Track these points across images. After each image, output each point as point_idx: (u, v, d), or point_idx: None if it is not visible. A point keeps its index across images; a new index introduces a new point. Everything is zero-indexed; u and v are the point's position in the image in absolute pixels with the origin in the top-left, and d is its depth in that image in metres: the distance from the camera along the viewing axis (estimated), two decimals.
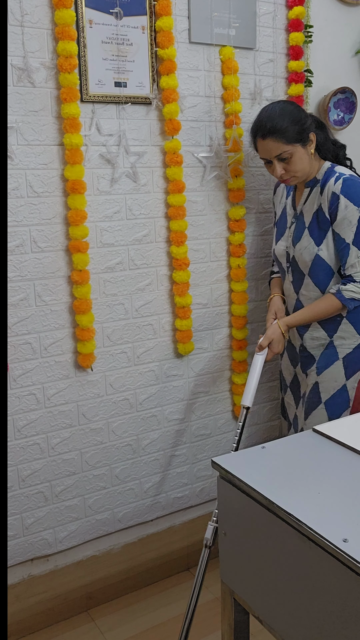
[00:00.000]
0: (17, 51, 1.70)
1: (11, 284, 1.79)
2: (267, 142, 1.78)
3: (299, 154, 1.79)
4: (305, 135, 1.79)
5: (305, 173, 1.84)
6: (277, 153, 1.78)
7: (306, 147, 1.81)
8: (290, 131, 1.76)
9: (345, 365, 1.89)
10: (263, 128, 1.78)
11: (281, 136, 1.76)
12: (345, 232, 1.78)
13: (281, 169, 1.81)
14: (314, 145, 1.84)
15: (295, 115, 1.79)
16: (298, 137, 1.78)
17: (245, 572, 1.20)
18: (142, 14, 1.86)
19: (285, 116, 1.77)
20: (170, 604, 2.11)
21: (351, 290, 1.78)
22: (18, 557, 1.95)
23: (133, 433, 2.10)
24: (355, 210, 1.77)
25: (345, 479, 1.14)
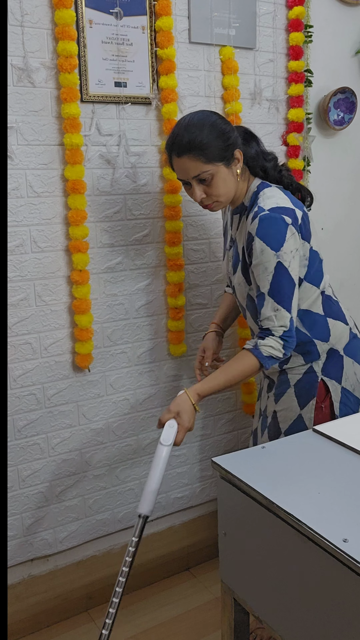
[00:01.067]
0: (17, 51, 1.70)
1: (11, 284, 1.79)
2: (184, 160, 1.51)
3: (221, 174, 1.52)
4: (229, 153, 1.52)
5: (229, 197, 1.58)
6: (195, 174, 1.51)
7: (231, 167, 1.54)
8: (211, 148, 1.49)
9: (297, 393, 1.70)
10: (179, 143, 1.50)
11: (200, 153, 1.48)
12: (261, 279, 1.52)
13: (201, 192, 1.54)
14: (241, 164, 1.56)
15: (218, 128, 1.51)
16: (221, 154, 1.50)
17: (245, 572, 1.20)
18: (142, 14, 1.86)
19: (205, 129, 1.49)
20: (170, 604, 2.11)
21: (269, 346, 1.51)
22: (18, 557, 1.95)
23: (133, 433, 2.10)
24: (272, 255, 1.48)
25: (345, 479, 1.14)
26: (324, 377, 1.70)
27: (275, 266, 1.49)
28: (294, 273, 1.52)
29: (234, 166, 1.56)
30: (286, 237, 1.50)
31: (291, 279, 1.51)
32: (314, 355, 1.69)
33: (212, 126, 1.51)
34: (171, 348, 2.10)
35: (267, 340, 1.52)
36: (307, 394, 1.70)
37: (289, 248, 1.50)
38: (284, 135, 2.25)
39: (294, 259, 1.52)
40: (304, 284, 1.63)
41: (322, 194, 2.42)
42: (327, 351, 1.69)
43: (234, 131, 1.56)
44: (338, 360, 1.71)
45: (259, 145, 1.66)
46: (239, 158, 1.56)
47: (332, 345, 1.70)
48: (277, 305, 1.51)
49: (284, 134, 2.26)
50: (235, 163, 1.56)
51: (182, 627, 2.01)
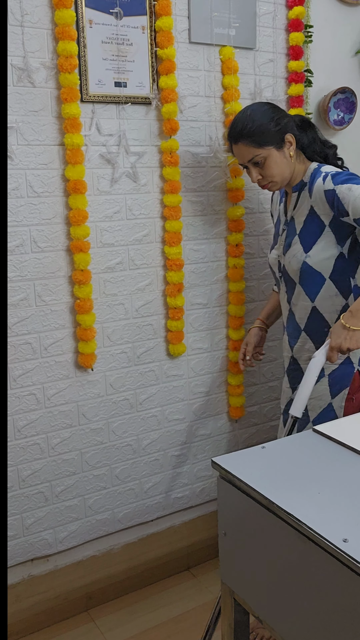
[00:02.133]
0: (17, 51, 1.70)
1: (11, 284, 1.79)
2: (239, 146, 1.70)
3: (273, 157, 1.69)
4: (279, 137, 1.69)
5: (284, 178, 1.73)
6: (249, 157, 1.69)
7: (282, 150, 1.70)
8: (261, 134, 1.66)
9: (330, 382, 1.75)
10: (234, 132, 1.70)
11: (251, 140, 1.67)
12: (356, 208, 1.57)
13: (257, 174, 1.71)
14: (293, 147, 1.72)
15: (267, 116, 1.68)
16: (271, 139, 1.67)
17: (245, 572, 1.20)
18: (142, 14, 1.86)
19: (256, 118, 1.67)
20: (170, 604, 2.11)
21: None
22: (18, 557, 1.95)
23: (133, 433, 2.10)
24: (357, 186, 1.58)
25: (345, 479, 1.14)
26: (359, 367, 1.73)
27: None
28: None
29: (286, 149, 1.70)
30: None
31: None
32: None
33: (262, 114, 1.68)
34: (171, 348, 2.10)
35: None
36: (341, 384, 1.74)
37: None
38: None
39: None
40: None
41: None
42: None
43: (285, 117, 1.71)
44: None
45: (316, 133, 1.80)
46: (291, 141, 1.71)
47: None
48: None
49: None
50: (288, 146, 1.71)
51: (182, 627, 2.01)
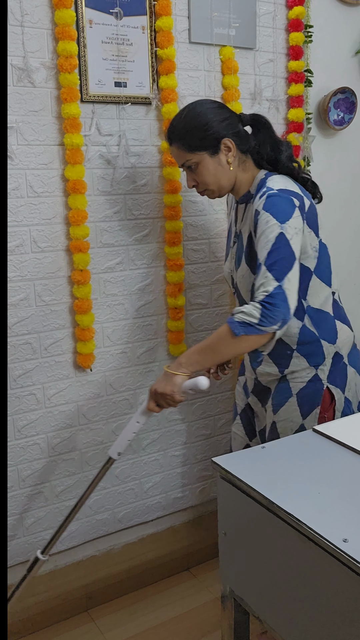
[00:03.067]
0: (17, 51, 1.70)
1: (11, 284, 1.79)
2: (172, 148, 1.59)
3: (205, 163, 1.55)
4: (212, 142, 1.53)
5: (221, 186, 1.59)
6: (181, 161, 1.58)
7: (217, 156, 1.55)
8: (191, 137, 1.53)
9: (299, 402, 1.64)
10: (168, 133, 1.59)
11: (182, 143, 1.55)
12: (261, 250, 1.45)
13: (191, 179, 1.60)
14: (233, 153, 1.56)
15: (202, 118, 1.53)
16: (203, 144, 1.53)
17: (245, 572, 1.20)
18: (142, 14, 1.86)
19: (189, 120, 1.54)
20: (170, 604, 2.11)
21: (242, 312, 1.39)
22: (18, 557, 1.94)
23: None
24: (276, 226, 1.44)
25: (345, 479, 1.14)
26: (330, 384, 1.64)
27: (277, 236, 1.43)
28: (295, 247, 1.45)
29: (222, 155, 1.56)
30: (293, 215, 1.47)
31: (292, 252, 1.44)
32: (319, 357, 1.63)
33: (197, 115, 1.53)
34: (171, 348, 2.10)
35: (246, 306, 1.40)
36: (311, 403, 1.63)
37: (294, 225, 1.46)
38: (284, 135, 2.25)
39: (296, 235, 1.47)
40: (314, 278, 1.60)
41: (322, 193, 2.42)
42: (332, 355, 1.65)
43: (226, 120, 1.55)
44: (343, 367, 1.67)
45: (270, 134, 1.63)
46: (230, 147, 1.55)
47: (338, 349, 1.65)
48: (267, 273, 1.41)
49: (284, 134, 2.26)
50: (225, 152, 1.56)
51: (182, 627, 2.01)
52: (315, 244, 1.59)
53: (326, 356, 1.64)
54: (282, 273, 1.41)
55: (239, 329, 1.39)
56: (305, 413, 1.64)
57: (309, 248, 1.57)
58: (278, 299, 1.39)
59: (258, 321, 1.38)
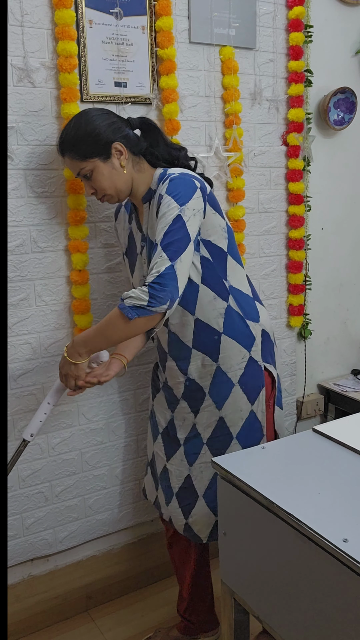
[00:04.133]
0: (17, 51, 1.70)
1: (11, 284, 1.80)
2: (66, 160, 1.61)
3: (99, 169, 1.57)
4: (102, 148, 1.56)
5: (118, 190, 1.60)
6: (76, 171, 1.60)
7: (110, 161, 1.57)
8: (81, 146, 1.55)
9: (244, 389, 1.65)
10: (59, 145, 1.61)
11: (74, 152, 1.56)
12: (159, 230, 1.47)
13: (89, 187, 1.61)
14: (125, 156, 1.58)
15: (89, 125, 1.55)
16: (94, 150, 1.55)
17: (245, 572, 1.20)
18: (142, 14, 1.86)
19: (78, 128, 1.55)
20: (171, 604, 2.11)
21: (130, 297, 1.41)
22: (18, 557, 1.95)
23: (133, 433, 2.10)
24: (175, 208, 1.47)
25: (345, 479, 1.14)
26: (266, 363, 1.69)
27: (175, 218, 1.45)
28: (191, 229, 1.48)
29: (114, 159, 1.58)
30: (193, 196, 1.50)
31: (187, 233, 1.47)
32: (249, 337, 1.66)
33: (84, 123, 1.56)
34: None
35: (132, 290, 1.42)
36: (255, 387, 1.66)
37: (193, 206, 1.49)
38: (284, 135, 2.26)
39: (194, 217, 1.49)
40: (229, 259, 1.64)
41: (322, 194, 2.42)
42: (260, 333, 1.69)
43: (113, 124, 1.58)
44: (272, 346, 1.75)
45: (159, 136, 1.66)
46: (121, 150, 1.58)
47: (263, 327, 1.70)
48: (162, 252, 1.43)
49: (284, 134, 2.26)
50: (117, 156, 1.58)
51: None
52: (223, 225, 1.62)
53: (255, 336, 1.67)
54: (176, 253, 1.43)
55: (131, 313, 1.40)
56: (252, 399, 1.66)
57: (218, 228, 1.60)
58: (167, 278, 1.41)
59: (147, 303, 1.40)
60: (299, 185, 2.29)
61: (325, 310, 2.56)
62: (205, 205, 1.55)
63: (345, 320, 2.65)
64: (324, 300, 2.55)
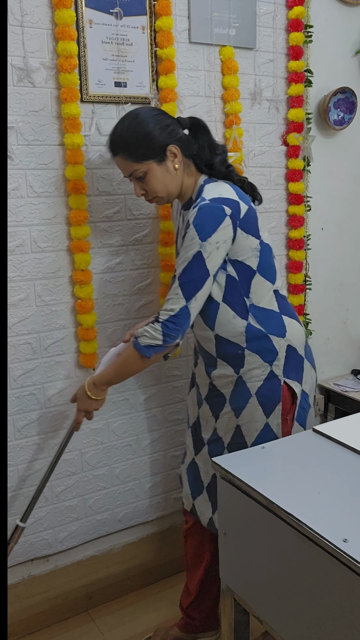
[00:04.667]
0: (17, 51, 1.70)
1: (11, 284, 1.80)
2: (117, 159, 1.58)
3: (154, 172, 1.55)
4: (160, 150, 1.54)
5: (169, 192, 1.60)
6: (128, 172, 1.57)
7: (164, 164, 1.55)
8: (138, 147, 1.52)
9: (260, 401, 1.62)
10: (111, 144, 1.58)
11: (129, 153, 1.53)
12: (179, 264, 1.51)
13: (139, 188, 1.60)
14: (179, 159, 1.57)
15: (146, 126, 1.53)
16: (150, 153, 1.53)
17: (245, 572, 1.20)
18: (142, 14, 1.86)
19: (133, 129, 1.53)
20: (171, 604, 2.11)
21: (145, 335, 1.51)
22: (18, 557, 1.95)
23: (133, 433, 2.10)
24: (197, 244, 1.48)
25: (345, 479, 1.14)
26: (287, 379, 1.63)
27: (195, 254, 1.48)
28: (211, 264, 1.50)
29: (169, 162, 1.56)
30: (219, 227, 1.49)
31: (206, 269, 1.50)
32: (272, 352, 1.61)
33: (140, 124, 1.53)
34: None
35: (147, 328, 1.52)
36: (272, 401, 1.63)
37: (216, 239, 1.49)
38: (284, 135, 2.26)
39: (217, 250, 1.50)
40: (257, 276, 1.60)
41: (321, 194, 2.42)
42: (285, 348, 1.63)
43: (169, 126, 1.56)
44: (298, 360, 1.67)
45: (208, 137, 1.63)
46: (175, 153, 1.56)
47: (289, 342, 1.64)
48: (179, 290, 1.49)
49: (284, 134, 2.26)
50: (172, 158, 1.56)
51: None
52: (255, 246, 1.58)
53: (278, 350, 1.62)
54: (191, 293, 1.50)
55: (148, 352, 1.52)
56: (267, 412, 1.63)
57: (248, 249, 1.57)
58: (181, 318, 1.50)
59: (162, 342, 1.51)
60: (299, 185, 2.29)
61: (325, 310, 2.56)
62: (235, 232, 1.53)
63: (345, 320, 2.65)
64: (324, 300, 2.55)
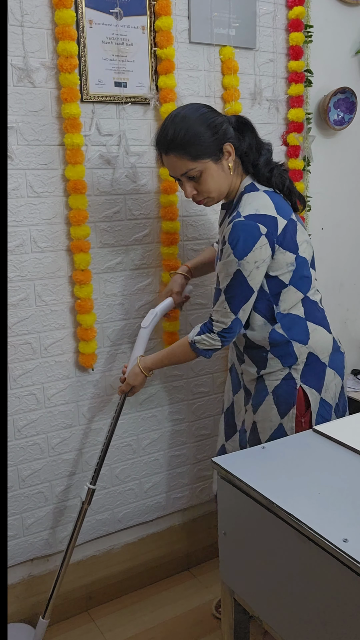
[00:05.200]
0: (17, 51, 1.70)
1: (11, 284, 1.80)
2: (170, 158, 1.49)
3: (210, 171, 1.49)
4: (217, 148, 1.48)
5: (221, 192, 1.55)
6: (182, 171, 1.49)
7: (220, 162, 1.50)
8: (196, 145, 1.45)
9: (275, 400, 1.63)
10: (164, 141, 1.49)
11: (185, 152, 1.46)
12: (222, 278, 1.53)
13: (192, 188, 1.52)
14: (232, 157, 1.52)
15: (203, 123, 1.47)
16: (207, 151, 1.47)
17: (245, 572, 1.20)
18: (142, 14, 1.86)
19: (190, 125, 1.46)
20: (170, 604, 2.11)
21: (203, 342, 1.58)
22: (18, 557, 1.95)
23: (133, 433, 2.10)
24: (234, 262, 1.47)
25: (345, 479, 1.14)
26: (303, 384, 1.62)
27: (235, 272, 1.49)
28: (253, 282, 1.51)
29: (224, 161, 1.52)
30: (254, 247, 1.46)
31: (249, 287, 1.51)
32: (291, 357, 1.62)
33: (197, 120, 1.47)
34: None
35: (204, 336, 1.58)
36: (287, 402, 1.62)
37: (254, 258, 1.47)
38: (284, 135, 2.26)
39: (257, 269, 1.49)
40: (288, 288, 1.60)
41: (322, 194, 2.42)
42: (306, 355, 1.63)
43: (223, 124, 1.51)
44: (320, 368, 1.65)
45: (255, 136, 1.59)
46: (230, 151, 1.52)
47: (311, 350, 1.63)
48: (226, 304, 1.53)
49: (284, 134, 2.26)
50: (226, 157, 1.52)
51: (182, 627, 2.01)
52: (290, 261, 1.57)
53: (298, 356, 1.62)
54: (238, 306, 1.53)
55: (208, 354, 1.61)
56: (282, 412, 1.62)
57: (283, 264, 1.56)
58: (234, 326, 1.56)
59: (221, 346, 1.58)
60: (299, 185, 2.29)
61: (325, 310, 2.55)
62: (273, 250, 1.51)
63: (345, 320, 2.65)
64: (324, 300, 2.54)
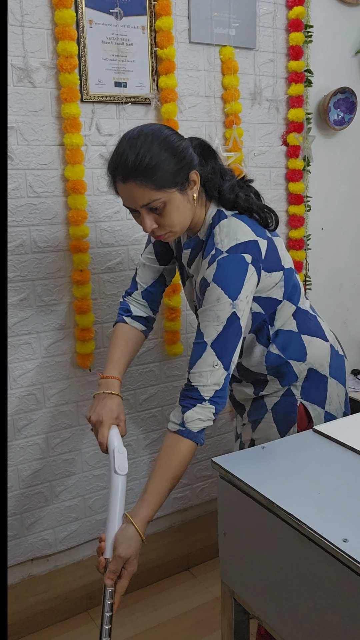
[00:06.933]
0: (17, 51, 1.70)
1: (11, 284, 1.79)
2: (130, 186, 1.25)
3: (175, 202, 1.27)
4: (183, 177, 1.27)
5: (184, 226, 1.33)
6: (144, 202, 1.25)
7: (185, 192, 1.29)
8: (161, 172, 1.23)
9: (275, 419, 1.51)
10: (123, 167, 1.24)
11: (148, 180, 1.23)
12: (208, 327, 1.28)
13: (152, 222, 1.29)
14: (197, 186, 1.31)
15: (169, 148, 1.24)
16: (174, 179, 1.25)
17: (245, 572, 1.20)
18: (142, 14, 1.86)
19: (154, 150, 1.23)
20: (170, 604, 2.11)
21: (197, 419, 1.27)
22: (18, 557, 1.95)
23: (133, 433, 2.10)
24: (228, 304, 1.27)
25: (345, 479, 1.14)
26: (304, 400, 1.51)
27: (229, 317, 1.28)
28: (244, 321, 1.32)
29: (189, 190, 1.30)
30: (245, 281, 1.30)
31: (240, 330, 1.31)
32: (290, 377, 1.50)
33: (162, 145, 1.25)
34: (167, 348, 2.10)
35: (193, 411, 1.27)
36: (287, 420, 1.51)
37: (246, 293, 1.31)
38: (284, 135, 2.26)
39: (247, 305, 1.32)
40: (284, 303, 1.47)
41: (322, 194, 2.42)
42: (306, 372, 1.51)
43: (188, 149, 1.29)
44: (321, 382, 1.53)
45: (217, 162, 1.40)
46: (196, 180, 1.31)
47: (311, 365, 1.51)
48: (218, 360, 1.28)
49: (284, 134, 2.26)
50: (192, 186, 1.31)
51: (182, 627, 2.01)
52: (278, 279, 1.43)
53: (298, 374, 1.51)
54: (229, 359, 1.30)
55: (201, 437, 1.31)
56: (282, 431, 1.51)
57: (271, 285, 1.42)
58: (226, 382, 1.30)
59: (214, 417, 1.31)
60: (299, 185, 2.29)
61: (325, 310, 2.55)
62: (259, 277, 1.35)
63: (345, 320, 2.65)
64: (324, 300, 2.55)
